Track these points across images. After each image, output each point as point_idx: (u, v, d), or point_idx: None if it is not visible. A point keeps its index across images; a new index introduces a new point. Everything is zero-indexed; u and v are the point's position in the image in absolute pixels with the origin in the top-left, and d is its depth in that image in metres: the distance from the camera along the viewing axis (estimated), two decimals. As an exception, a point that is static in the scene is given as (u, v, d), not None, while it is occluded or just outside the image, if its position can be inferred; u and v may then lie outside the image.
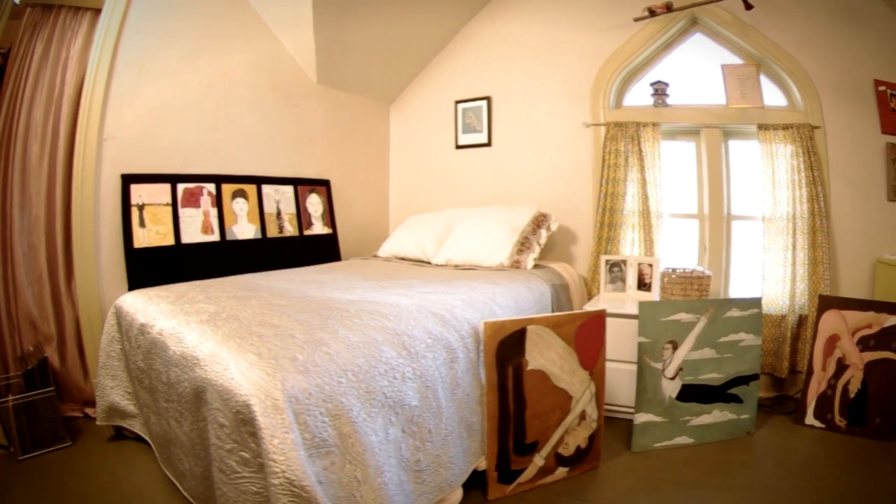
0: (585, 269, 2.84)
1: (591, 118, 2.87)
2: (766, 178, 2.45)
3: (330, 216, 3.09)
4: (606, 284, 2.54)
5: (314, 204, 2.99)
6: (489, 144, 3.27)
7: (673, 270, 2.35)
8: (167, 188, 2.29)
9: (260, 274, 2.32)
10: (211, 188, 2.47)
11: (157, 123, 2.30)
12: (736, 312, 2.00)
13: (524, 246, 2.55)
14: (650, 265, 2.47)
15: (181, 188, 2.35)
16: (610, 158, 2.68)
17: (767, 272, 2.44)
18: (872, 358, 2.05)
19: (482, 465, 1.62)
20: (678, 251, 2.72)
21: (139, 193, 2.20)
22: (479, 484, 1.63)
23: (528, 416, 1.65)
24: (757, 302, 2.04)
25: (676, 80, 2.72)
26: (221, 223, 2.49)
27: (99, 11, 2.15)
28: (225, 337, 1.34)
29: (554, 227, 2.70)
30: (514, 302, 1.96)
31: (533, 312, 2.06)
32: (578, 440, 1.76)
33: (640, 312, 1.92)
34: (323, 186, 3.09)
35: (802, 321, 2.41)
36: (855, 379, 2.08)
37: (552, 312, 2.23)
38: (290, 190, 2.86)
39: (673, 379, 1.95)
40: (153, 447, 1.69)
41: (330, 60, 2.95)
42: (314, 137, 3.10)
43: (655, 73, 2.80)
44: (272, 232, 2.71)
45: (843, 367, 2.10)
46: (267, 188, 2.73)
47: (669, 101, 2.71)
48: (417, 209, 3.48)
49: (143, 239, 2.19)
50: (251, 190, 2.65)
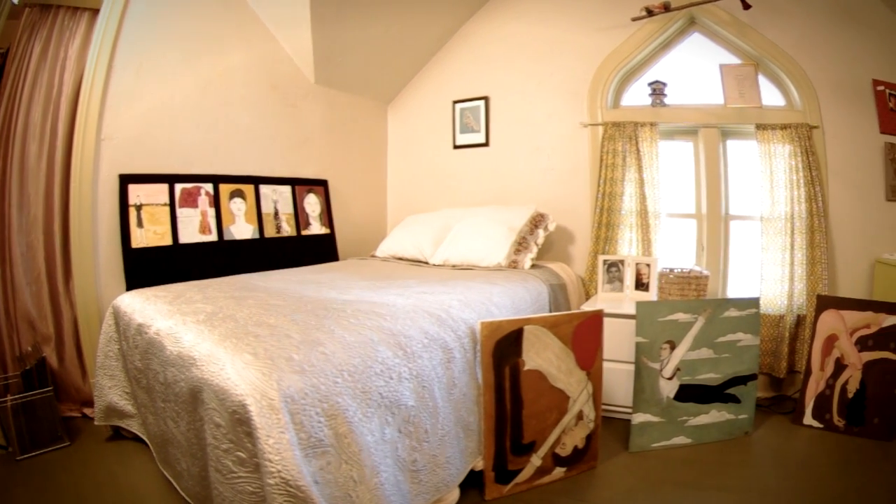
0: (583, 269, 2.84)
1: (588, 118, 2.86)
2: (764, 177, 2.45)
3: (328, 216, 3.09)
4: (604, 284, 2.54)
5: (312, 204, 2.99)
6: (487, 144, 3.27)
7: (671, 270, 2.34)
8: (165, 188, 2.29)
9: (257, 274, 2.32)
10: (208, 188, 2.47)
11: (154, 123, 2.31)
12: (734, 312, 2.00)
13: (521, 246, 2.54)
14: (648, 265, 2.47)
15: (179, 188, 2.35)
16: (608, 158, 2.68)
17: (765, 272, 2.44)
18: (871, 358, 2.05)
19: (479, 465, 1.62)
20: (676, 251, 2.71)
21: (137, 193, 2.20)
22: (476, 484, 1.63)
23: (525, 416, 1.65)
24: (755, 302, 2.04)
25: (674, 80, 2.71)
26: (219, 223, 2.48)
27: (97, 11, 2.15)
28: (221, 337, 1.34)
29: (551, 227, 2.70)
30: (511, 302, 1.96)
31: (530, 312, 2.06)
32: (576, 440, 1.76)
33: (637, 312, 1.92)
34: (321, 186, 3.09)
35: (801, 321, 2.40)
36: (853, 379, 2.07)
37: (550, 312, 2.23)
38: (287, 190, 2.86)
39: (671, 379, 1.95)
40: (151, 447, 1.68)
41: (328, 60, 2.95)
42: (312, 137, 3.09)
43: (653, 72, 2.79)
44: (270, 232, 2.71)
45: (841, 366, 2.10)
46: (265, 188, 2.73)
47: (667, 100, 2.71)
48: (415, 209, 3.48)
49: (140, 239, 2.19)
50: (249, 190, 2.65)
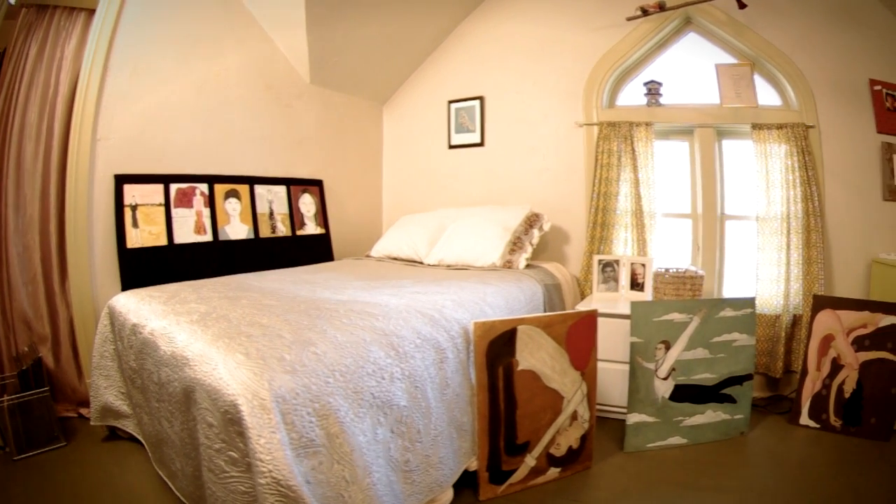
0: (578, 268, 2.83)
1: (583, 118, 2.86)
2: (760, 177, 2.44)
3: (323, 216, 3.08)
4: (599, 284, 2.53)
5: (307, 204, 2.98)
6: (482, 144, 3.26)
7: (666, 270, 2.34)
8: (160, 188, 2.30)
9: (252, 274, 2.32)
10: (203, 188, 2.47)
11: (150, 123, 2.31)
12: (729, 312, 1.99)
13: (516, 246, 2.54)
14: (643, 265, 2.46)
15: (174, 188, 2.35)
16: (603, 158, 2.67)
17: (761, 272, 2.44)
18: (868, 358, 2.04)
19: (473, 465, 1.62)
20: (671, 251, 2.71)
21: (132, 194, 2.20)
22: (470, 484, 1.63)
23: (518, 416, 1.64)
24: (750, 302, 2.03)
25: (670, 79, 2.71)
26: (214, 223, 2.48)
27: (93, 12, 2.15)
28: (214, 337, 1.34)
29: (546, 226, 2.70)
30: (505, 302, 1.96)
31: (524, 312, 2.06)
32: (570, 440, 1.75)
33: (632, 312, 1.92)
34: (316, 186, 3.09)
35: (797, 321, 2.40)
36: (850, 379, 2.07)
37: (544, 312, 2.23)
38: (282, 190, 2.86)
39: (665, 379, 1.94)
40: (146, 447, 1.68)
41: (323, 60, 2.94)
42: (307, 137, 3.09)
43: (649, 72, 2.79)
44: (265, 232, 2.71)
45: (837, 366, 2.10)
46: (259, 188, 2.73)
47: (663, 100, 2.70)
48: (410, 209, 3.48)
49: (136, 239, 2.19)
50: (244, 190, 2.65)
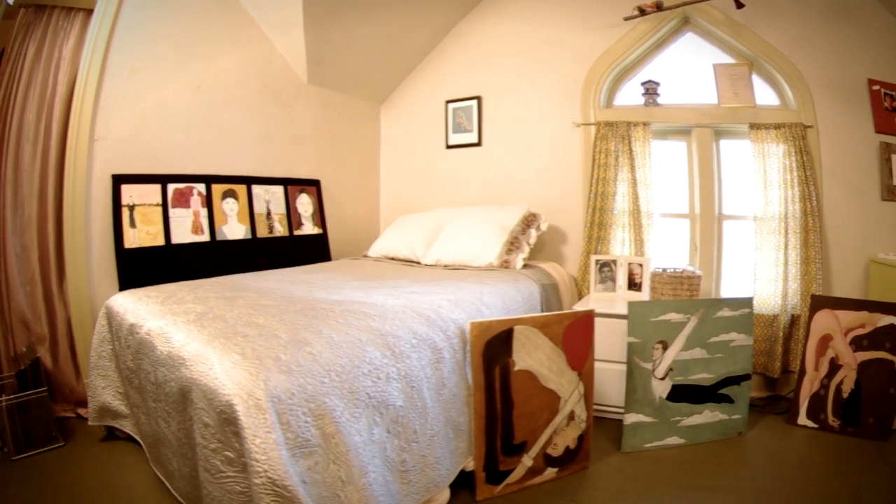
0: (576, 268, 2.83)
1: (581, 118, 2.86)
2: (757, 177, 2.44)
3: (320, 216, 3.08)
4: (596, 284, 2.53)
5: (304, 204, 2.98)
6: (479, 144, 3.26)
7: (663, 270, 2.33)
8: (157, 188, 2.29)
9: (249, 274, 2.32)
10: (201, 188, 2.47)
11: (147, 124, 2.31)
12: (727, 312, 1.99)
13: (513, 246, 2.54)
14: (640, 265, 2.46)
15: (171, 188, 2.35)
16: (600, 158, 2.67)
17: (759, 272, 2.44)
18: (866, 358, 2.04)
19: (470, 465, 1.62)
20: (669, 251, 2.71)
21: (130, 194, 2.20)
22: (467, 484, 1.63)
23: (515, 416, 1.64)
24: (748, 302, 2.03)
25: (668, 79, 2.71)
26: (211, 223, 2.48)
27: (91, 12, 2.15)
28: (210, 337, 1.34)
29: (544, 226, 2.69)
30: (502, 302, 1.96)
31: (521, 312, 2.06)
32: (567, 441, 1.75)
33: (629, 312, 1.92)
34: (313, 186, 3.08)
35: (795, 321, 2.40)
36: (848, 379, 2.07)
37: (541, 312, 2.22)
38: (280, 190, 2.85)
39: (663, 379, 1.94)
40: (144, 447, 1.69)
41: (320, 60, 2.94)
42: (304, 137, 3.09)
43: (647, 72, 2.79)
44: (262, 232, 2.70)
45: (836, 366, 2.10)
46: (257, 188, 2.72)
47: (660, 100, 2.70)
48: (408, 209, 3.47)
49: (133, 239, 2.19)
50: (241, 190, 2.64)
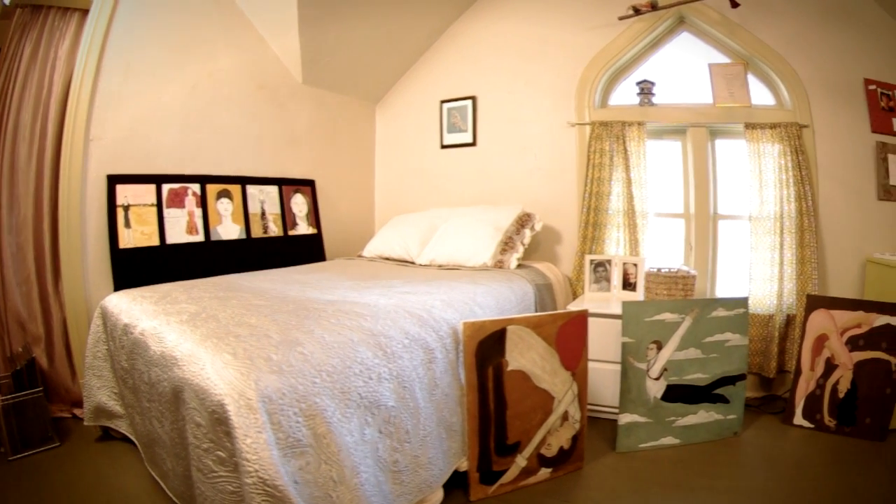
0: (570, 268, 2.83)
1: (576, 117, 2.85)
2: (753, 177, 2.44)
3: (315, 216, 3.08)
4: (591, 284, 2.53)
5: (299, 204, 2.98)
6: (474, 144, 3.25)
7: (658, 270, 2.33)
8: (152, 189, 2.30)
9: (244, 274, 2.32)
10: (195, 188, 2.47)
11: (142, 124, 2.31)
12: (722, 312, 1.99)
13: (508, 246, 2.54)
14: (635, 265, 2.46)
15: (166, 189, 2.35)
16: (595, 158, 2.67)
17: (754, 272, 2.43)
18: (862, 358, 2.04)
19: (464, 465, 1.62)
20: (664, 251, 2.70)
21: (124, 194, 2.20)
22: (460, 485, 1.63)
23: (509, 416, 1.64)
24: (743, 301, 2.03)
25: (663, 79, 2.70)
26: (206, 223, 2.48)
27: (86, 12, 2.15)
28: (203, 337, 1.34)
29: (538, 226, 2.69)
30: (495, 302, 1.96)
31: (515, 313, 2.05)
32: (561, 441, 1.75)
33: (623, 312, 1.92)
34: (308, 186, 3.08)
35: (790, 321, 2.39)
36: (844, 379, 2.07)
37: (535, 313, 2.22)
38: (274, 190, 2.85)
39: (657, 379, 1.94)
40: (139, 447, 1.69)
41: (315, 60, 2.94)
42: (299, 137, 3.08)
43: (642, 72, 2.78)
44: (256, 232, 2.70)
45: (832, 366, 2.10)
46: (251, 188, 2.72)
47: (655, 100, 2.69)
48: (402, 209, 3.47)
49: (128, 239, 2.19)
50: (236, 190, 2.64)
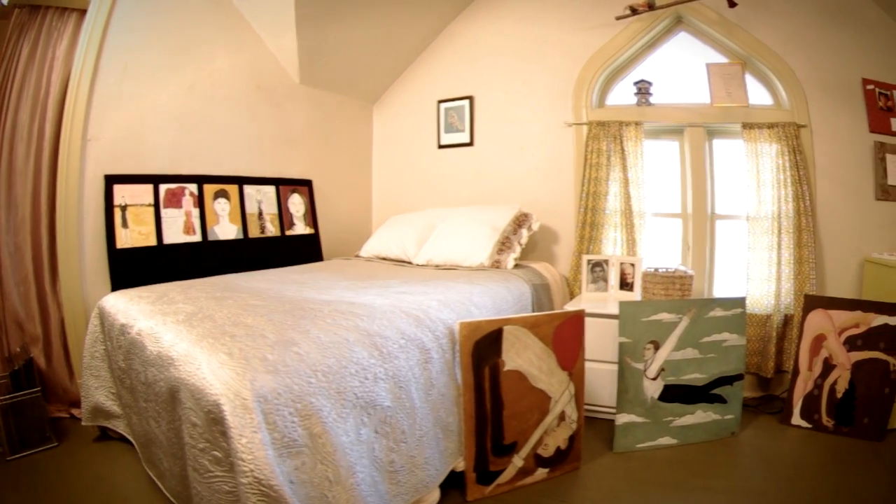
0: (567, 268, 2.83)
1: (573, 117, 2.85)
2: (750, 177, 2.44)
3: (312, 216, 3.07)
4: (588, 284, 2.53)
5: (296, 204, 2.97)
6: (471, 144, 3.25)
7: (655, 270, 2.33)
8: (149, 189, 2.29)
9: (241, 274, 2.32)
10: (193, 189, 2.47)
11: (140, 124, 2.31)
12: (719, 312, 1.99)
13: (505, 246, 2.54)
14: (632, 265, 2.46)
15: (163, 189, 2.35)
16: (592, 158, 2.67)
17: (752, 271, 2.43)
18: (860, 358, 2.04)
19: (460, 465, 1.62)
20: (661, 251, 2.70)
21: (122, 194, 2.20)
22: (457, 485, 1.63)
23: (505, 416, 1.64)
24: (741, 301, 2.03)
25: (661, 79, 2.70)
26: (203, 224, 2.48)
27: (84, 12, 2.15)
28: (199, 337, 1.34)
29: (535, 226, 2.69)
30: (492, 302, 1.96)
31: (512, 313, 2.05)
32: (558, 441, 1.75)
33: (620, 312, 1.91)
34: (305, 186, 3.07)
35: (788, 321, 2.39)
36: (842, 379, 2.07)
37: (532, 313, 2.22)
38: (272, 190, 2.85)
39: (655, 379, 1.94)
40: (136, 447, 1.69)
41: (313, 61, 2.94)
42: (297, 137, 3.08)
43: (639, 72, 2.78)
44: (254, 232, 2.70)
45: (829, 366, 2.09)
46: (249, 188, 2.72)
47: (653, 100, 2.69)
48: (400, 209, 3.47)
49: (125, 239, 2.19)
50: (233, 190, 2.64)
